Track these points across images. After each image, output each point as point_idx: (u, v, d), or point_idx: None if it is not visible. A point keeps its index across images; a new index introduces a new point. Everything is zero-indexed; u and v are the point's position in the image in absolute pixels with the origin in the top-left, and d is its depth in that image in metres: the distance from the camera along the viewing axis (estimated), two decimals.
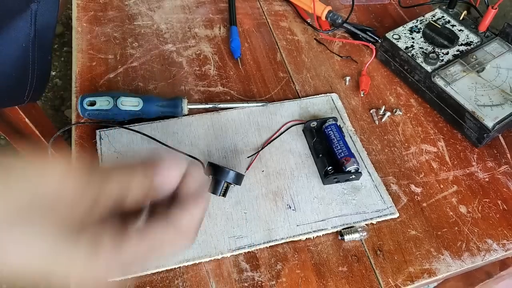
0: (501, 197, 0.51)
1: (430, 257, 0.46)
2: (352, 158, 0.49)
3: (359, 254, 0.46)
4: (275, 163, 0.51)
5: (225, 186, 0.45)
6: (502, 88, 0.55)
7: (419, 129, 0.57)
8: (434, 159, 0.54)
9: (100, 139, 0.52)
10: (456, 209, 0.50)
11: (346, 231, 0.46)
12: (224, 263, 0.44)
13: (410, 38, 0.61)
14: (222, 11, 0.71)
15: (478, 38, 0.61)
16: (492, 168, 0.53)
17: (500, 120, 0.52)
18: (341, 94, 0.60)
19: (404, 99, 0.60)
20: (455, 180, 0.52)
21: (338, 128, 0.52)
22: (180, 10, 0.70)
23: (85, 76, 0.60)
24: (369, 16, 0.72)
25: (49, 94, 1.51)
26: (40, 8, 0.53)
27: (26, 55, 0.56)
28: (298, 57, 0.64)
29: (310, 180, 0.50)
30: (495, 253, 0.46)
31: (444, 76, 0.56)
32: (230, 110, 0.56)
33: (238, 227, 0.46)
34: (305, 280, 0.44)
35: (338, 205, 0.48)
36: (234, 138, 0.54)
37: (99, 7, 0.69)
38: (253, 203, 0.48)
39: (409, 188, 0.51)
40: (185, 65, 0.62)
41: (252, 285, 0.43)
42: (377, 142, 0.55)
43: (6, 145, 1.37)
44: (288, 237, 0.46)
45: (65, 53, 1.64)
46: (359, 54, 0.65)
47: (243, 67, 0.63)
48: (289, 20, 0.70)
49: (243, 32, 0.67)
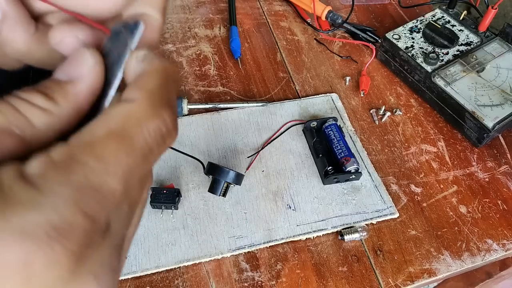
0: (501, 197, 0.51)
1: (430, 257, 0.46)
2: (352, 158, 0.49)
3: (359, 254, 0.46)
4: (275, 163, 0.51)
5: (225, 186, 0.45)
6: (502, 88, 0.55)
7: (419, 129, 0.57)
8: (434, 159, 0.54)
9: None
10: (456, 209, 0.50)
11: (346, 231, 0.46)
12: (224, 263, 0.44)
13: (410, 38, 0.61)
14: (222, 11, 0.71)
15: (478, 38, 0.61)
16: (492, 168, 0.53)
17: (500, 120, 0.52)
18: (341, 94, 0.60)
19: (404, 99, 0.60)
20: (455, 180, 0.52)
21: (338, 128, 0.52)
22: (180, 10, 0.70)
23: None
24: (369, 16, 0.72)
25: None
26: None
27: None
28: (298, 57, 0.64)
29: (310, 180, 0.50)
30: (495, 253, 0.46)
31: (444, 76, 0.56)
32: (230, 110, 0.56)
33: (238, 227, 0.46)
34: (305, 280, 0.44)
35: (338, 205, 0.48)
36: (234, 138, 0.54)
37: None
38: (253, 203, 0.48)
39: (409, 188, 0.51)
40: (185, 65, 0.62)
41: (252, 285, 0.43)
42: (377, 142, 0.55)
43: None
44: (288, 237, 0.46)
45: None
46: (359, 54, 0.65)
47: (243, 67, 0.63)
48: (289, 20, 0.70)
49: (243, 32, 0.67)
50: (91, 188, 0.15)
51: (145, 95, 0.17)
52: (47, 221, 0.14)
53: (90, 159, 0.15)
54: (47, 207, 0.14)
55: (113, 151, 0.16)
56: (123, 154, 0.16)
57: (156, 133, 0.17)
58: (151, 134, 0.16)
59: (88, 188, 0.15)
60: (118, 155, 0.16)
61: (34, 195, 0.14)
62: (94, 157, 0.15)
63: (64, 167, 0.15)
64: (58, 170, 0.15)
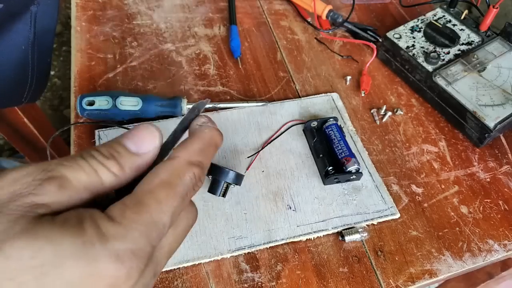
0: (502, 198, 0.51)
1: (431, 257, 0.45)
2: (352, 158, 0.49)
3: (360, 255, 0.45)
4: (275, 163, 0.51)
5: (225, 187, 0.44)
6: (503, 88, 0.55)
7: (420, 129, 0.56)
8: (435, 159, 0.53)
9: (99, 139, 0.51)
10: (457, 209, 0.49)
11: (346, 231, 0.46)
12: (224, 264, 0.44)
13: (411, 37, 0.61)
14: (221, 10, 0.70)
15: (479, 37, 0.61)
16: (493, 168, 0.53)
17: (501, 120, 0.52)
18: (342, 94, 0.59)
19: (405, 98, 0.60)
20: (456, 180, 0.52)
21: (338, 128, 0.52)
22: (180, 9, 0.70)
23: (84, 76, 0.59)
24: (370, 15, 0.71)
25: (48, 94, 1.50)
26: (40, 10, 0.53)
27: (26, 58, 0.55)
28: (298, 57, 0.64)
29: (311, 180, 0.50)
30: (496, 253, 0.46)
31: (445, 76, 0.56)
32: (230, 110, 0.56)
33: (238, 228, 0.46)
34: (305, 281, 0.43)
35: (338, 206, 0.48)
36: (234, 138, 0.53)
37: (98, 6, 0.69)
38: (253, 203, 0.48)
39: (410, 189, 0.51)
40: (184, 65, 0.62)
41: (252, 286, 0.43)
42: (378, 142, 0.55)
43: (5, 145, 1.36)
44: (288, 238, 0.45)
45: (64, 52, 1.64)
46: (359, 54, 0.65)
47: (243, 66, 0.62)
48: (289, 19, 0.70)
49: (243, 31, 0.67)
50: (153, 223, 0.21)
51: (185, 155, 0.24)
52: (130, 248, 0.20)
53: (151, 201, 0.22)
54: (129, 238, 0.20)
55: (165, 196, 0.22)
56: (171, 198, 0.22)
57: (188, 182, 0.23)
58: (186, 183, 0.23)
59: (152, 223, 0.21)
60: (167, 198, 0.22)
61: (120, 230, 0.20)
62: (153, 200, 0.22)
63: (136, 209, 0.21)
64: (132, 211, 0.21)
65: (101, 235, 0.19)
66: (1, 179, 0.20)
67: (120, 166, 0.23)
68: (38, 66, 0.58)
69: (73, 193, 0.21)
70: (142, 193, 0.22)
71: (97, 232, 0.19)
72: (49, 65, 0.62)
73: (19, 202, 0.20)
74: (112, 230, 0.20)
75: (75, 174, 0.21)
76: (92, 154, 0.22)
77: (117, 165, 0.22)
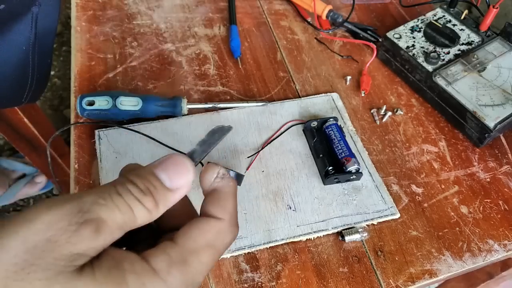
0: (502, 198, 0.51)
1: (431, 257, 0.45)
2: (352, 158, 0.49)
3: (360, 255, 0.45)
4: (275, 163, 0.51)
5: None
6: (503, 88, 0.55)
7: (420, 129, 0.56)
8: (435, 159, 0.53)
9: (99, 139, 0.51)
10: (457, 209, 0.49)
11: (346, 231, 0.46)
12: (223, 264, 0.44)
13: (411, 37, 0.61)
14: (221, 10, 0.70)
15: (479, 37, 0.61)
16: (493, 168, 0.53)
17: (501, 120, 0.52)
18: (342, 94, 0.59)
19: (405, 98, 0.60)
20: (456, 180, 0.52)
21: (338, 128, 0.52)
22: (180, 9, 0.70)
23: (84, 76, 0.59)
24: (370, 15, 0.71)
25: (48, 94, 1.50)
26: (41, 11, 0.53)
27: (26, 58, 0.55)
28: (298, 57, 0.64)
29: (311, 180, 0.50)
30: (496, 253, 0.46)
31: (445, 76, 0.56)
32: (230, 110, 0.56)
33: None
34: (305, 281, 0.43)
35: (338, 206, 0.48)
36: (234, 138, 0.53)
37: (98, 6, 0.69)
38: (253, 203, 0.48)
39: (410, 189, 0.51)
40: (184, 65, 0.62)
41: (252, 286, 0.43)
42: (378, 142, 0.55)
43: (5, 145, 1.36)
44: (288, 238, 0.45)
45: (64, 52, 1.64)
46: (359, 54, 0.65)
47: (243, 66, 0.62)
48: (289, 19, 0.70)
49: (243, 31, 0.67)
50: (192, 283, 0.22)
51: (228, 217, 0.25)
52: None
53: (196, 263, 0.22)
54: None
55: (210, 259, 0.23)
56: (213, 260, 0.23)
57: (230, 244, 0.25)
58: (227, 245, 0.24)
59: (191, 283, 0.22)
60: (210, 260, 0.23)
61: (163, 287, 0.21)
62: (197, 261, 0.22)
63: (182, 268, 0.22)
64: (178, 270, 0.22)
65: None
66: (35, 222, 0.19)
67: (156, 203, 0.22)
68: (39, 66, 0.58)
69: (107, 236, 0.20)
70: (188, 250, 0.22)
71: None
72: (49, 66, 0.62)
73: (56, 253, 0.19)
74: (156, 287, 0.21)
75: (111, 215, 0.20)
76: (128, 189, 0.21)
77: (152, 202, 0.22)
